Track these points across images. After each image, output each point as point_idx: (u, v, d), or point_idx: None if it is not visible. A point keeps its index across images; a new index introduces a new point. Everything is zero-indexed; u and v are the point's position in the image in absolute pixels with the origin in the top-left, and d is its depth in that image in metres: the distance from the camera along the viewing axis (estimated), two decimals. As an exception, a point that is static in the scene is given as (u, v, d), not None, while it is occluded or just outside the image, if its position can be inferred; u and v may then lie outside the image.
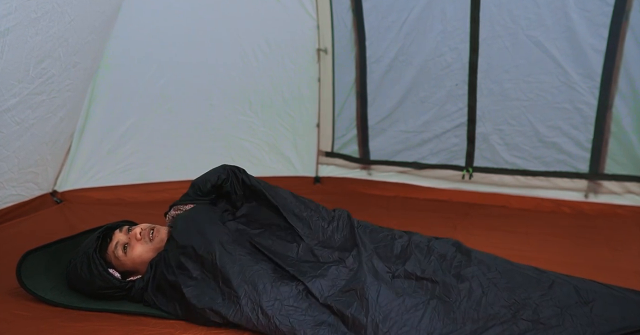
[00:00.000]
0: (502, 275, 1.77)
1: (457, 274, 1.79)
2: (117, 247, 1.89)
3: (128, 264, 1.88)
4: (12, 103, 2.34)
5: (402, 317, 1.59)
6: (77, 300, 1.83)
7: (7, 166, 2.59)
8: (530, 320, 1.58)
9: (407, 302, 1.64)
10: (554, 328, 1.56)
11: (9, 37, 2.09)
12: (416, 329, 1.57)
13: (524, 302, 1.65)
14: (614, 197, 3.04)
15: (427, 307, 1.63)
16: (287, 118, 3.64)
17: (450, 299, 1.68)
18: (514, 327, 1.57)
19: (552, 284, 1.73)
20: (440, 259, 1.86)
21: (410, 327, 1.57)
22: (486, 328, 1.58)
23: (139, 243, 1.89)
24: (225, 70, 3.40)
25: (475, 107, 3.22)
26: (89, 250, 1.85)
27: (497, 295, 1.69)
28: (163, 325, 1.67)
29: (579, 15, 2.85)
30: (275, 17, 3.41)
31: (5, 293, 1.90)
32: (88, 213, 2.94)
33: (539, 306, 1.63)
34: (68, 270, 1.90)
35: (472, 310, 1.63)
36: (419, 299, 1.66)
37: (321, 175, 3.78)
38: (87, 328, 1.66)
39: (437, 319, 1.60)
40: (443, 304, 1.66)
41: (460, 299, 1.67)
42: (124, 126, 3.22)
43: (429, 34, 3.21)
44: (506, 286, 1.73)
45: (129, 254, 1.88)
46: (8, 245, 2.38)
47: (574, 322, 1.57)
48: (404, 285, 1.73)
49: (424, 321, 1.59)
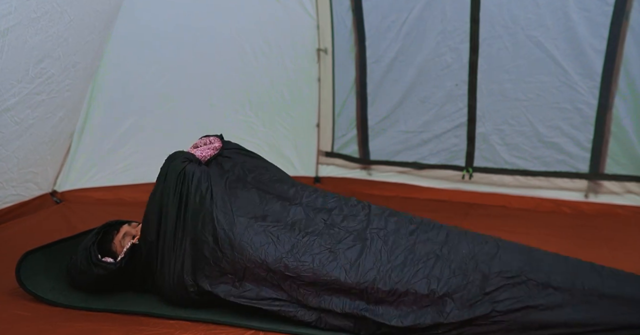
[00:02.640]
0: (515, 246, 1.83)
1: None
2: (125, 237, 1.95)
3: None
4: (11, 103, 2.34)
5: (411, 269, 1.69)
6: (77, 300, 1.84)
7: (7, 166, 2.59)
8: (541, 283, 1.60)
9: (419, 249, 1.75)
10: (564, 292, 1.59)
11: (9, 37, 2.09)
12: (427, 277, 1.65)
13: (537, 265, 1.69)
14: (614, 197, 3.04)
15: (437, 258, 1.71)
16: (287, 118, 3.64)
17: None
18: (523, 286, 1.60)
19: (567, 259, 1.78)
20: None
21: (422, 276, 1.65)
22: (498, 286, 1.61)
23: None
24: (225, 70, 3.40)
25: (475, 107, 3.22)
26: (88, 244, 1.90)
27: (511, 256, 1.72)
28: (163, 325, 1.67)
29: (579, 15, 2.85)
30: (275, 17, 3.41)
31: (5, 293, 1.90)
32: (88, 213, 2.94)
33: (551, 272, 1.66)
34: (68, 267, 1.92)
35: (484, 265, 1.68)
36: (429, 248, 1.75)
37: (321, 175, 3.78)
38: (87, 328, 1.66)
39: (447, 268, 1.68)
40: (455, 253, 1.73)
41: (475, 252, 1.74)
42: (124, 126, 3.22)
43: (429, 34, 3.21)
44: (519, 249, 1.78)
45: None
46: (8, 245, 2.38)
47: (584, 290, 1.60)
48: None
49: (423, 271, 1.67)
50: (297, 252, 1.70)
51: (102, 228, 1.99)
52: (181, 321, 1.70)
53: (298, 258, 1.68)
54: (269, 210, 1.82)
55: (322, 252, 1.70)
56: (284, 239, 1.72)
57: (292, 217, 1.82)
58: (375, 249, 1.72)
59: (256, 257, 1.67)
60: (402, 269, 1.67)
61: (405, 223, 1.86)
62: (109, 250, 1.93)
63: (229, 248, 1.69)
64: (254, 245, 1.69)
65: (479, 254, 1.72)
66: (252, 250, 1.68)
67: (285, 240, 1.72)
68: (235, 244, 1.69)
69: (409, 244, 1.76)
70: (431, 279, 1.65)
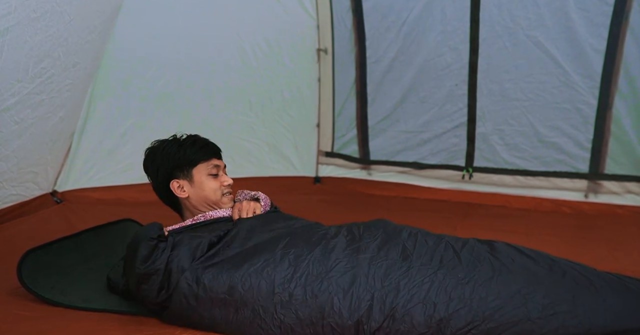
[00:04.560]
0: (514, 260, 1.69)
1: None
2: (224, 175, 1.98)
3: (201, 195, 1.92)
4: (11, 102, 2.34)
5: (411, 290, 1.55)
6: (77, 300, 1.83)
7: (7, 166, 2.59)
8: (541, 304, 1.52)
9: (414, 273, 1.59)
10: (565, 314, 1.50)
11: (9, 37, 2.09)
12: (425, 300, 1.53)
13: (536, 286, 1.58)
14: (614, 197, 3.04)
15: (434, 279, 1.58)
16: (287, 118, 3.64)
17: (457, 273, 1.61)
18: (523, 309, 1.50)
19: (565, 273, 1.65)
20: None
21: (418, 300, 1.53)
22: (497, 308, 1.51)
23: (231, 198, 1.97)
24: (225, 70, 3.40)
25: (475, 107, 3.22)
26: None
27: (509, 278, 1.60)
28: (163, 325, 1.67)
29: (579, 15, 2.85)
30: (275, 17, 3.41)
31: (5, 293, 1.90)
32: (88, 213, 2.94)
33: (550, 292, 1.56)
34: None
35: (480, 287, 1.56)
36: (427, 271, 1.60)
37: (321, 175, 3.78)
38: (87, 328, 1.66)
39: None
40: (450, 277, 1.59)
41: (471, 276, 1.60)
42: (124, 126, 3.22)
43: (429, 34, 3.21)
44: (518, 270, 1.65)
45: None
46: (8, 245, 2.38)
47: (585, 309, 1.50)
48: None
49: (431, 292, 1.54)
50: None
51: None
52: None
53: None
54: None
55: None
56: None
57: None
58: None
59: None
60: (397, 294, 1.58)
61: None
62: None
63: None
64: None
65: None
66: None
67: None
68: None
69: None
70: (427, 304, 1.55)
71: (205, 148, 1.96)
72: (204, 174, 1.92)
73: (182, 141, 1.96)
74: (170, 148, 1.94)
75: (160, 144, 1.98)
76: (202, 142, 1.97)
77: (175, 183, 1.92)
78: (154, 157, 1.96)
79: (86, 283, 1.97)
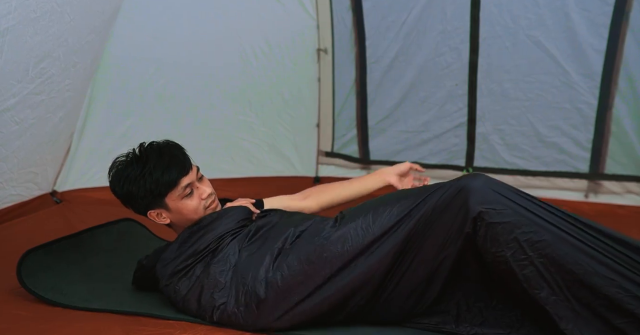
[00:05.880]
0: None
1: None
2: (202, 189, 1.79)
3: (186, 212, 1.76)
4: (11, 103, 2.34)
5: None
6: (77, 300, 1.83)
7: (7, 166, 2.59)
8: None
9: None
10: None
11: (9, 37, 2.09)
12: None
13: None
14: (614, 197, 3.04)
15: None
16: (287, 118, 3.64)
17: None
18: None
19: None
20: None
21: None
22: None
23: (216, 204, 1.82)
24: (225, 70, 3.40)
25: (475, 107, 3.22)
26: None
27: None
28: (163, 325, 1.67)
29: (579, 15, 2.84)
30: (275, 17, 3.41)
31: (5, 293, 1.90)
32: (88, 213, 2.93)
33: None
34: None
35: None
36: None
37: (321, 175, 3.78)
38: (87, 328, 1.66)
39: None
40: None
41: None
42: (124, 126, 3.22)
43: (429, 34, 3.20)
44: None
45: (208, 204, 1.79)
46: (8, 245, 2.38)
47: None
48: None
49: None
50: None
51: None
52: (181, 321, 1.70)
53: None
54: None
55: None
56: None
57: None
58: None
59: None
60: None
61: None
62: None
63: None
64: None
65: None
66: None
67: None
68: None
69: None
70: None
71: (168, 172, 1.70)
72: (178, 200, 1.74)
73: (138, 172, 1.72)
74: (130, 185, 1.72)
75: (118, 172, 1.77)
76: (162, 165, 1.71)
77: (153, 213, 1.77)
78: (117, 194, 1.79)
79: (86, 283, 1.97)
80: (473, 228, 1.50)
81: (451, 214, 1.54)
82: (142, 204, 1.75)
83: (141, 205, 1.76)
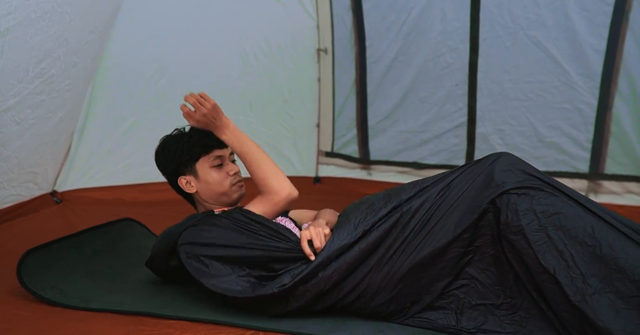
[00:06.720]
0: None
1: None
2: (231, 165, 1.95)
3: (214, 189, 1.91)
4: (11, 103, 2.34)
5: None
6: (77, 300, 1.83)
7: (7, 166, 2.59)
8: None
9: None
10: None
11: (9, 37, 2.09)
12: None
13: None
14: (614, 197, 3.04)
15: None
16: (287, 118, 3.64)
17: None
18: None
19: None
20: None
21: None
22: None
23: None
24: (225, 70, 3.40)
25: (475, 107, 3.22)
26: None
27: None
28: (163, 325, 1.67)
29: (579, 15, 2.84)
30: (275, 17, 3.41)
31: (5, 293, 1.90)
32: (88, 213, 2.94)
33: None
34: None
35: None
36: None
37: (321, 175, 3.78)
38: (87, 328, 1.66)
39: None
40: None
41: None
42: (124, 126, 3.22)
43: (429, 34, 3.21)
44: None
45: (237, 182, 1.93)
46: (8, 245, 2.38)
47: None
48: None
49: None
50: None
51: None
52: (181, 321, 1.70)
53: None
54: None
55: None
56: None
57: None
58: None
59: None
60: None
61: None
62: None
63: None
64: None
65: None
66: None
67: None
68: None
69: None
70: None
71: (205, 139, 1.93)
72: (207, 167, 1.92)
73: (181, 136, 1.96)
74: (171, 145, 1.95)
75: (163, 141, 2.00)
76: (201, 134, 1.93)
77: (183, 179, 1.93)
78: (159, 156, 1.99)
79: (86, 283, 1.97)
80: (493, 202, 1.55)
81: (474, 185, 1.65)
82: (177, 169, 1.93)
83: (176, 170, 1.93)
